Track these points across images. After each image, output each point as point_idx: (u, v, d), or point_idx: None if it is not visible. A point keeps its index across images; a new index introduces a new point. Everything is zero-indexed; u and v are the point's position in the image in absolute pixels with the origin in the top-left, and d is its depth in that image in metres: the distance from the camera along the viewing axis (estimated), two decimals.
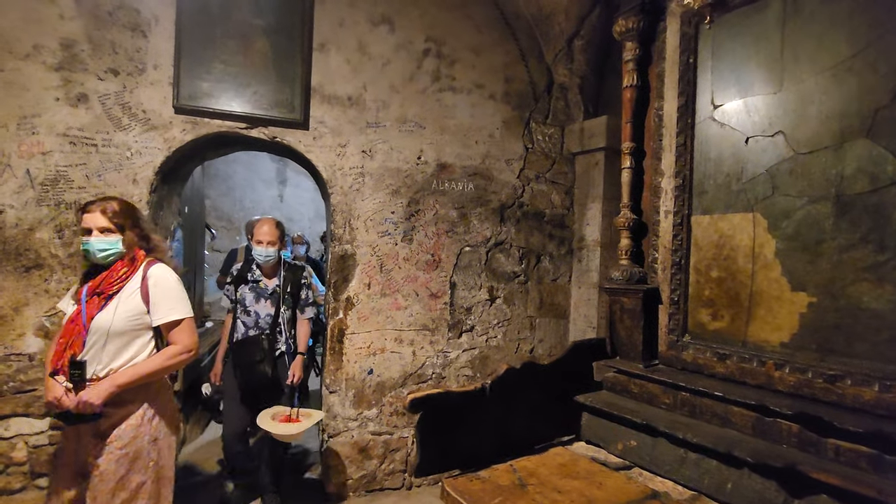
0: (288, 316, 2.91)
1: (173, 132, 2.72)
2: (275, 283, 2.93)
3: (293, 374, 2.85)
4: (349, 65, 3.04)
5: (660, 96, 2.34)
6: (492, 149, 3.37)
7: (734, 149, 2.04)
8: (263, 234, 2.87)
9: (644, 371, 2.13)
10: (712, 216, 2.09)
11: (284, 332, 2.89)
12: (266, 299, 2.90)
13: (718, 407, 1.87)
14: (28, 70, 2.50)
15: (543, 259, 3.52)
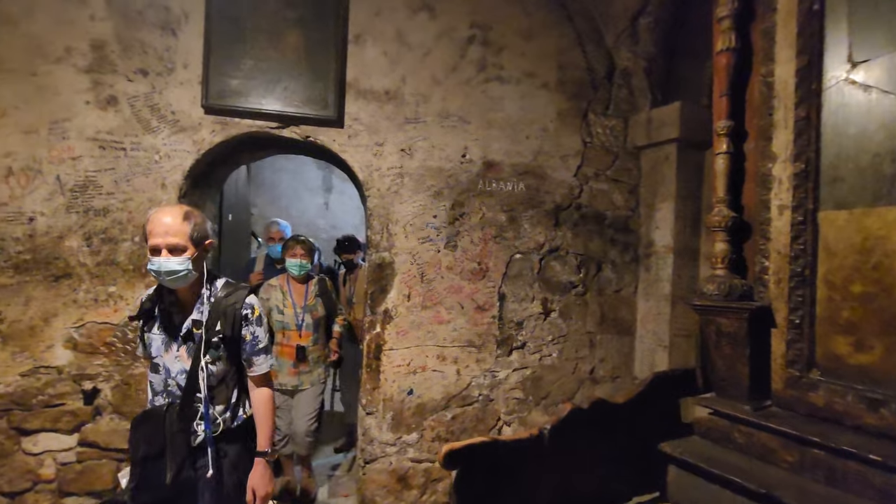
0: (219, 372, 1.66)
1: (202, 133, 2.58)
2: (192, 319, 1.65)
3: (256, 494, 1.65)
4: (386, 56, 2.79)
5: (768, 59, 1.87)
6: (545, 144, 3.01)
7: (888, 118, 1.55)
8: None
9: (753, 415, 1.67)
10: (852, 211, 1.61)
11: (210, 403, 1.65)
12: (179, 345, 1.65)
13: (877, 477, 1.38)
14: (59, 73, 2.43)
15: (604, 267, 3.11)
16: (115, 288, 2.50)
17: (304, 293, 3.13)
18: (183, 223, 1.58)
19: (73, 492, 2.45)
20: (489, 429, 2.91)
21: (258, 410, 1.72)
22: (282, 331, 3.01)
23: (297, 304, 3.06)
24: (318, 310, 3.11)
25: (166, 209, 1.61)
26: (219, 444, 1.64)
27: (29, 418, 2.42)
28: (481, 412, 2.91)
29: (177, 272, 1.55)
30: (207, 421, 1.63)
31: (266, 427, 1.72)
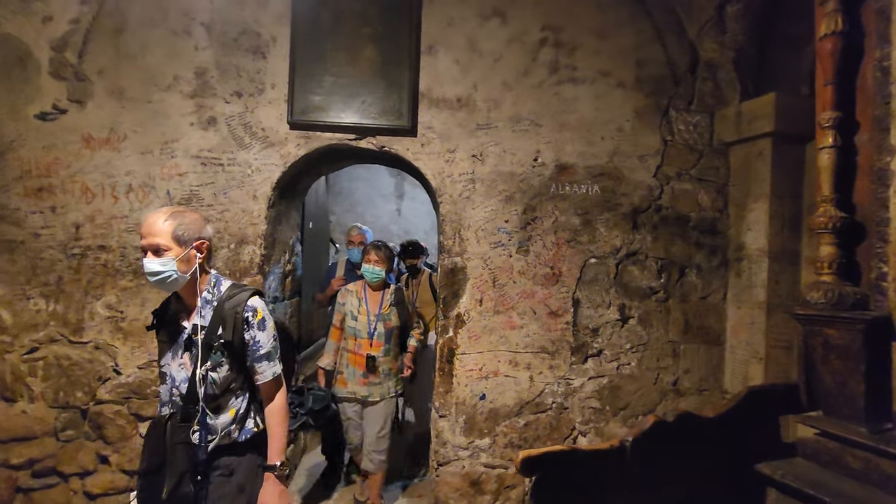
0: (222, 380, 1.57)
1: (288, 147, 2.77)
2: (192, 323, 1.60)
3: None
4: (458, 65, 2.84)
5: (884, 41, 1.67)
6: (621, 144, 2.90)
7: None
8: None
9: (871, 439, 1.48)
10: None
11: (213, 413, 1.57)
12: (183, 352, 1.60)
13: None
14: (169, 99, 2.73)
15: (689, 272, 2.92)
16: None
17: (380, 301, 3.06)
18: (165, 222, 1.51)
19: None
20: (563, 438, 2.83)
21: (268, 420, 1.63)
22: (353, 338, 2.97)
23: (372, 312, 3.01)
24: (391, 319, 3.03)
25: (156, 211, 1.58)
26: (225, 457, 1.55)
27: (144, 406, 2.72)
28: (555, 420, 2.84)
29: (159, 273, 1.48)
30: (204, 431, 1.52)
31: (277, 439, 1.60)
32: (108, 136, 2.70)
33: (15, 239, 2.66)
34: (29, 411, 2.68)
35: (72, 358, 2.69)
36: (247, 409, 1.63)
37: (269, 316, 1.66)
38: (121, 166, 2.70)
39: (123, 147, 2.70)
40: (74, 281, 2.68)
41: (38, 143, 2.67)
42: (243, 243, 2.76)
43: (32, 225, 2.67)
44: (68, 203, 2.68)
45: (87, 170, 2.69)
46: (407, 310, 3.15)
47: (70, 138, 2.69)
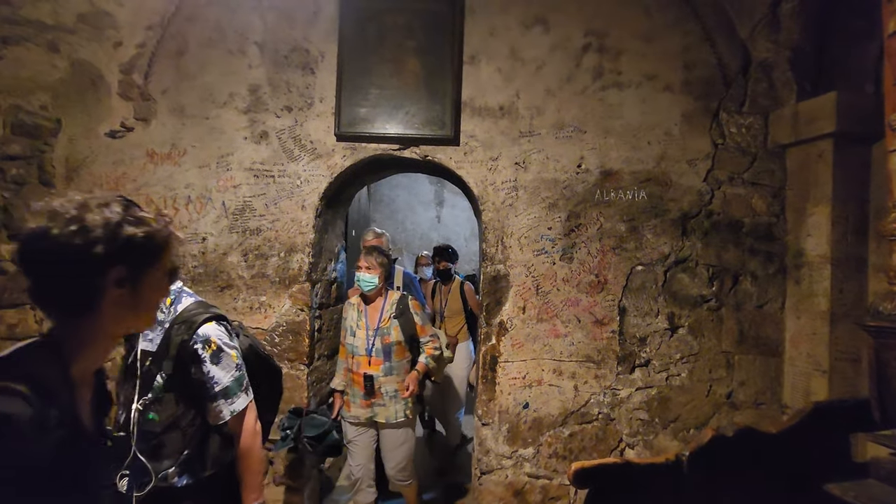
0: (164, 417, 1.41)
1: (335, 159, 2.86)
2: (139, 349, 1.50)
3: None
4: (500, 73, 2.86)
5: None
6: (669, 149, 2.83)
7: None
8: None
9: None
10: None
11: (151, 455, 1.40)
12: (130, 378, 1.50)
13: None
14: (224, 115, 2.88)
15: (743, 280, 2.80)
16: (266, 297, 2.86)
17: (379, 313, 2.74)
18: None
19: None
20: (610, 450, 2.76)
21: (238, 463, 1.43)
22: (352, 356, 2.70)
23: (371, 326, 2.71)
24: (391, 333, 2.69)
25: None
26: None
27: None
28: (601, 431, 2.78)
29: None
30: (135, 477, 1.33)
31: (245, 486, 1.41)
32: (170, 152, 2.87)
33: None
34: None
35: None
36: (198, 452, 1.40)
37: (228, 344, 1.43)
38: (181, 179, 2.86)
39: (183, 161, 2.87)
40: None
41: (107, 159, 2.87)
42: (292, 251, 2.86)
43: None
44: None
45: (151, 183, 2.86)
46: (412, 321, 2.75)
47: (136, 154, 2.88)
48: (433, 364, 2.82)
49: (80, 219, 0.85)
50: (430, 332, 2.86)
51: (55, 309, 0.88)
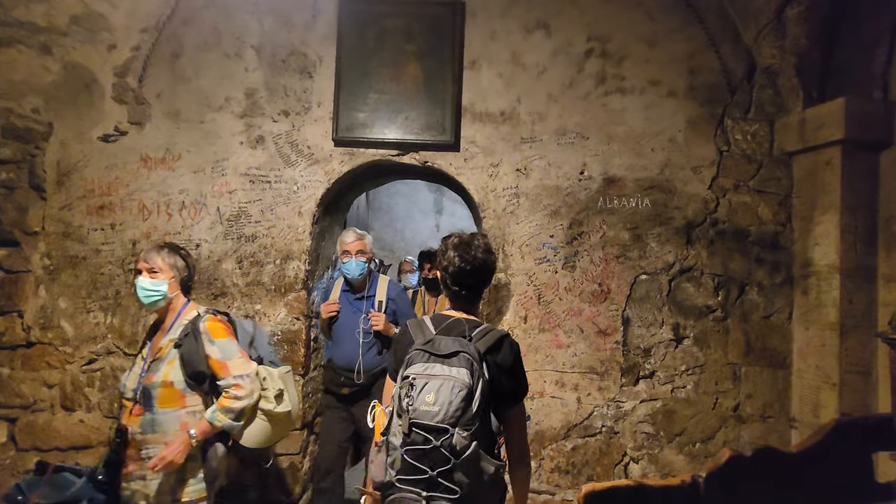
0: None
1: (333, 164, 2.81)
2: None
3: None
4: (501, 78, 2.81)
5: None
6: (673, 156, 2.78)
7: None
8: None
9: None
10: None
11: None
12: None
13: None
14: (220, 120, 2.82)
15: (749, 289, 2.74)
16: (261, 306, 2.79)
17: (164, 337, 1.88)
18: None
19: None
20: (614, 464, 2.69)
21: None
22: (120, 397, 1.93)
23: (149, 358, 1.87)
24: (159, 370, 1.79)
25: None
26: None
27: None
28: (605, 445, 2.70)
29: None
30: None
31: None
32: (164, 156, 2.81)
33: (78, 255, 2.79)
34: (86, 420, 2.78)
35: (126, 369, 2.77)
36: None
37: None
38: (175, 184, 2.80)
39: (178, 166, 2.81)
40: (130, 295, 2.78)
41: (100, 164, 2.81)
42: (289, 259, 2.79)
43: (94, 241, 2.79)
44: (126, 220, 2.80)
45: (145, 188, 2.80)
46: (201, 353, 1.79)
47: (129, 158, 2.81)
48: (225, 423, 1.76)
49: None
50: (239, 371, 1.81)
51: None
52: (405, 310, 2.75)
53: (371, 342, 2.64)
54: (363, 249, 2.63)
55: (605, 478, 2.64)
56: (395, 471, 1.29)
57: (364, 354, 2.61)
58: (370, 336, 2.63)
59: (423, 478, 1.25)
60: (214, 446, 1.82)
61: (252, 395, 1.81)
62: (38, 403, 2.78)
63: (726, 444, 2.68)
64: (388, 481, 1.30)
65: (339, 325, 2.68)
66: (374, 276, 2.77)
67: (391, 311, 2.69)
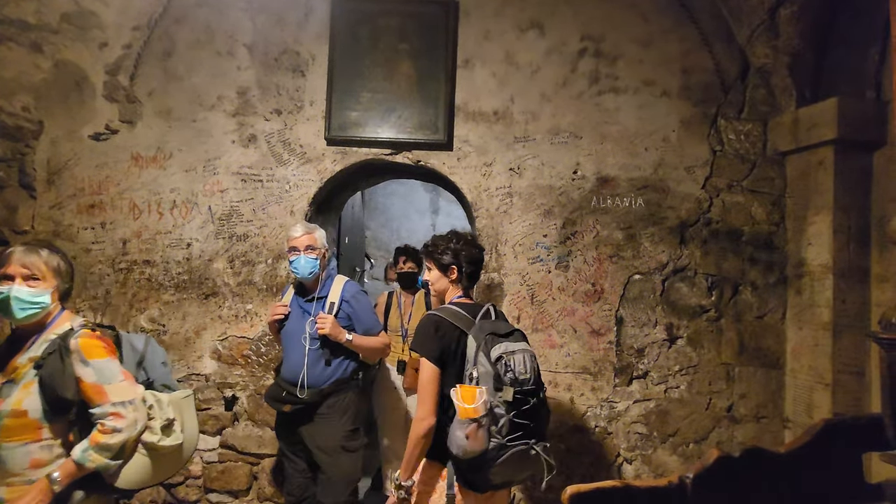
0: None
1: (325, 163, 2.79)
2: None
3: None
4: (495, 78, 2.80)
5: None
6: (666, 155, 2.77)
7: None
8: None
9: None
10: None
11: None
12: None
13: None
14: (212, 118, 2.80)
15: (742, 289, 2.74)
16: (252, 305, 2.77)
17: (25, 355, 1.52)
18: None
19: (215, 489, 2.72)
20: (608, 465, 2.67)
21: None
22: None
23: None
24: (11, 394, 1.45)
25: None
26: None
27: None
28: (598, 446, 2.69)
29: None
30: None
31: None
32: (155, 155, 2.79)
33: (67, 254, 2.75)
34: None
35: None
36: None
37: None
38: (166, 183, 2.78)
39: (169, 165, 2.79)
40: (120, 294, 2.76)
41: (91, 162, 2.79)
42: (281, 258, 2.77)
43: (84, 240, 2.77)
44: (117, 219, 2.78)
45: (136, 187, 2.78)
46: (69, 375, 1.46)
47: (120, 157, 2.79)
48: (100, 463, 1.45)
49: None
50: (119, 397, 1.50)
51: None
52: (363, 313, 2.32)
53: (319, 351, 2.24)
54: (313, 245, 2.27)
55: (598, 479, 2.62)
56: (504, 434, 1.54)
57: (310, 365, 2.21)
58: (317, 343, 2.23)
59: (527, 431, 1.56)
60: (72, 495, 1.46)
61: (135, 426, 1.50)
62: None
63: (720, 444, 2.67)
64: (495, 445, 1.53)
65: (286, 330, 2.32)
66: (330, 274, 2.37)
67: (345, 314, 2.29)
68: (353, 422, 2.30)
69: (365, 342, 2.28)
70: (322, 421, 2.24)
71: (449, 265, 1.78)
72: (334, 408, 2.25)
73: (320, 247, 2.31)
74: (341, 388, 2.27)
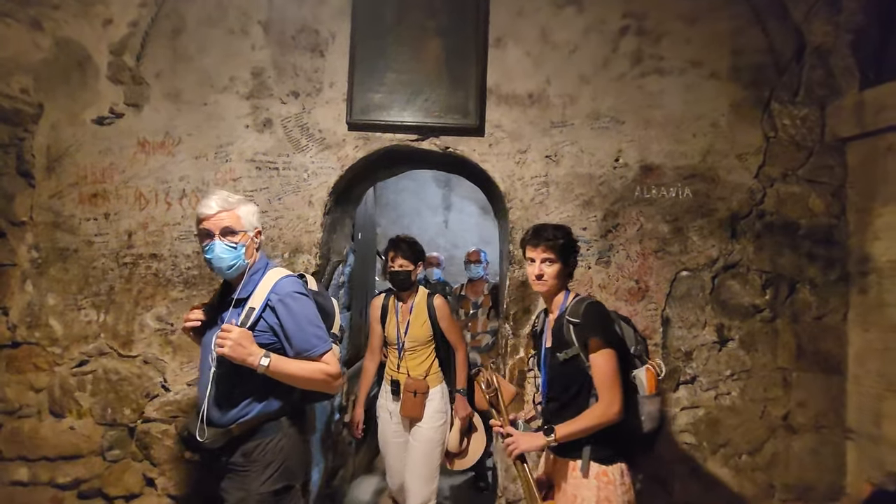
0: None
1: (346, 150, 2.59)
2: None
3: None
4: (529, 58, 2.59)
5: None
6: (716, 142, 2.56)
7: None
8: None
9: None
10: None
11: None
12: None
13: None
14: (224, 101, 2.60)
15: (800, 288, 2.52)
16: None
17: None
18: None
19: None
20: (659, 478, 2.45)
21: None
22: None
23: None
24: None
25: None
26: None
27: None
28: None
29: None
30: None
31: None
32: (163, 140, 2.59)
33: (69, 247, 2.57)
34: (77, 427, 2.55)
35: (120, 372, 2.55)
36: None
37: None
38: (174, 171, 2.58)
39: (178, 151, 2.59)
40: (125, 291, 2.56)
41: (94, 149, 2.59)
42: (298, 252, 2.57)
43: (86, 232, 2.57)
44: (122, 210, 2.58)
45: (142, 175, 2.58)
46: None
47: (125, 143, 2.60)
48: None
49: None
50: None
51: None
52: (294, 326, 1.61)
53: (228, 377, 1.58)
54: (233, 226, 1.61)
55: (649, 492, 2.41)
56: None
57: (214, 397, 1.59)
58: (224, 366, 1.57)
59: None
60: None
61: None
62: (24, 409, 2.56)
63: (775, 455, 2.45)
64: None
65: (203, 343, 1.71)
66: (259, 268, 1.71)
67: (267, 325, 1.61)
68: (283, 478, 1.62)
69: (292, 369, 1.59)
70: (237, 477, 1.60)
71: (575, 261, 1.85)
72: (252, 458, 1.59)
73: (246, 228, 1.65)
74: (262, 430, 1.61)
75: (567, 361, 1.70)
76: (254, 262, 1.71)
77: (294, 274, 1.79)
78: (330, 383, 1.67)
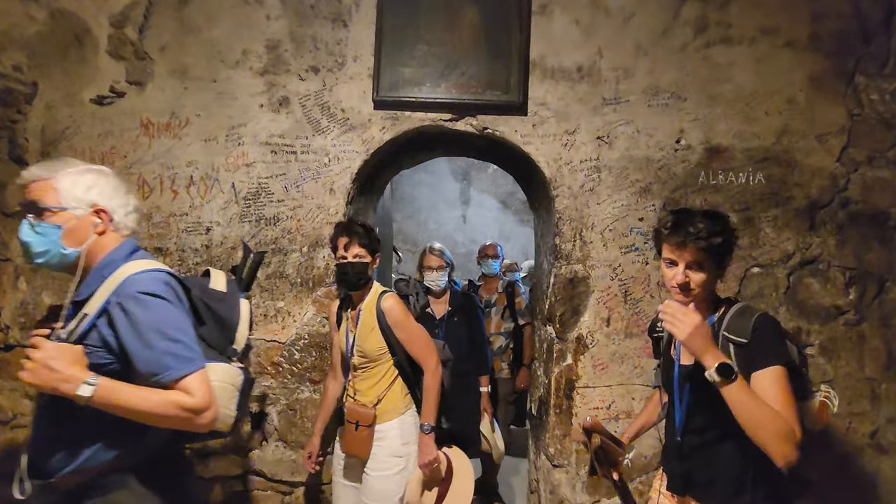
0: None
1: (372, 131, 2.31)
2: None
3: None
4: (578, 26, 2.30)
5: None
6: (792, 120, 2.25)
7: None
8: None
9: None
10: None
11: None
12: None
13: None
14: (236, 78, 2.34)
15: (890, 287, 2.21)
16: (284, 303, 2.30)
17: None
18: None
19: None
20: None
21: None
22: None
23: None
24: None
25: None
26: None
27: None
28: None
29: None
30: None
31: None
32: (169, 122, 2.33)
33: None
34: None
35: None
36: None
37: None
38: (181, 156, 2.32)
39: (185, 133, 2.33)
40: None
41: (93, 131, 2.34)
42: (318, 246, 2.30)
43: None
44: None
45: (146, 160, 2.32)
46: None
47: (128, 125, 2.34)
48: None
49: None
50: None
51: None
52: (137, 338, 1.12)
53: (52, 412, 1.18)
54: (39, 201, 1.18)
55: None
56: None
57: (35, 439, 1.20)
58: (45, 398, 1.18)
59: None
60: None
61: None
62: (19, 418, 2.32)
63: (863, 479, 2.15)
64: None
65: None
66: (115, 260, 1.22)
67: (100, 338, 1.15)
68: None
69: (131, 401, 1.11)
70: None
71: (730, 260, 1.38)
72: None
73: (66, 205, 1.19)
74: (100, 486, 1.16)
75: None
76: (102, 253, 1.22)
77: (163, 268, 1.24)
78: (190, 420, 1.13)
